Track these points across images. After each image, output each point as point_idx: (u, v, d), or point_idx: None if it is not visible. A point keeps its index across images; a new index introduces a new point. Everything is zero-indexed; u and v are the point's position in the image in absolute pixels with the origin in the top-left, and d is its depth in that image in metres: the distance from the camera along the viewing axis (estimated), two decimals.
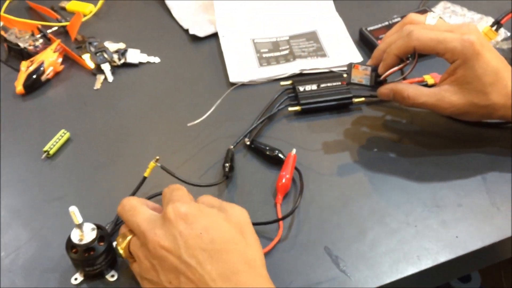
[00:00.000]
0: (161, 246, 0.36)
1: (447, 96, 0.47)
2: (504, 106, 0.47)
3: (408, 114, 0.56)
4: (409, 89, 0.49)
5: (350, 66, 0.51)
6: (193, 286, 0.35)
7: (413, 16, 0.50)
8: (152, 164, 0.46)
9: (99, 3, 0.76)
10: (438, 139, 0.53)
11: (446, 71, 0.48)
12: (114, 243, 0.43)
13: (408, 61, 0.49)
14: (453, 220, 0.46)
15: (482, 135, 0.53)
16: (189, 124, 0.54)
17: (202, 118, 0.54)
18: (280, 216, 0.46)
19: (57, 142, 0.55)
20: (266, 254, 0.43)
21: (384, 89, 0.50)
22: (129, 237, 0.40)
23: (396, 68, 0.49)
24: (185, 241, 0.36)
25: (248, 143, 0.53)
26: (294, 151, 0.50)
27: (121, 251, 0.41)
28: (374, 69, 0.50)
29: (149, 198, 0.48)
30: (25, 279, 0.44)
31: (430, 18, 0.49)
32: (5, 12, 0.74)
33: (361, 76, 0.50)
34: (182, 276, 0.35)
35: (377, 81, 0.50)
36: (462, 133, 0.53)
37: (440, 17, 0.49)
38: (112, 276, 0.43)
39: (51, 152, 0.54)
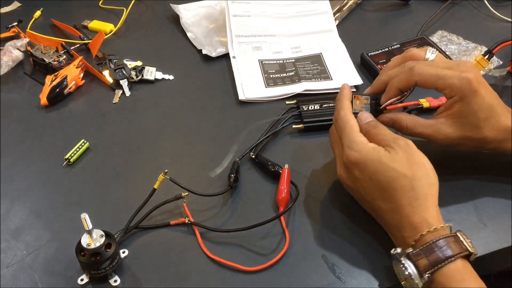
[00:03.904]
0: (345, 183, 0.49)
1: (443, 128, 0.50)
2: (495, 140, 0.50)
3: (405, 137, 0.59)
4: (408, 119, 0.52)
5: (352, 96, 0.54)
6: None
7: (413, 51, 0.53)
8: (161, 176, 0.50)
9: (119, 23, 0.81)
10: (432, 161, 0.56)
11: (443, 104, 0.51)
12: None
13: (407, 93, 0.52)
14: None
15: (473, 159, 0.56)
16: (212, 175, 0.55)
17: (221, 170, 0.55)
18: (285, 228, 0.50)
19: (77, 151, 0.59)
20: (271, 265, 0.47)
21: (384, 118, 0.53)
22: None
23: (395, 99, 0.52)
24: (361, 183, 0.46)
25: (253, 156, 0.57)
26: (286, 166, 0.54)
27: None
28: (374, 98, 0.53)
29: (156, 208, 0.51)
30: (43, 276, 0.47)
31: (430, 53, 0.52)
32: (31, 29, 0.79)
33: (362, 105, 0.53)
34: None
35: (377, 109, 0.53)
36: (455, 157, 0.56)
37: (439, 51, 0.50)
38: (115, 281, 0.46)
39: (72, 160, 0.58)
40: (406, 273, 0.41)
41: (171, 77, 0.71)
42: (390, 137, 0.47)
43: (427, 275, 0.40)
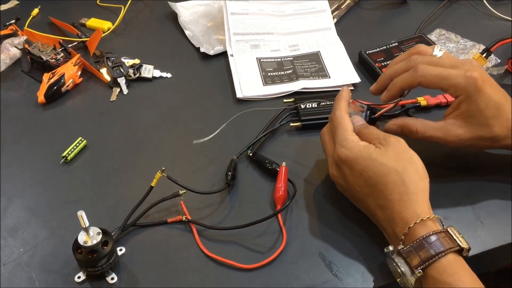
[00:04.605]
0: (337, 182, 0.50)
1: (453, 129, 0.50)
2: (506, 137, 0.49)
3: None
4: (417, 123, 0.51)
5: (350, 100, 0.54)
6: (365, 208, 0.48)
7: (421, 47, 0.52)
8: (158, 174, 0.50)
9: (117, 21, 0.81)
10: (429, 158, 0.56)
11: (450, 105, 0.51)
12: None
13: (403, 96, 0.53)
14: None
15: (471, 158, 0.56)
16: (194, 142, 0.55)
17: (208, 138, 0.55)
18: (282, 225, 0.50)
19: (74, 149, 0.59)
20: (268, 263, 0.47)
21: (391, 125, 0.53)
22: None
23: (390, 106, 0.52)
24: (352, 181, 0.47)
25: (250, 154, 0.57)
26: (284, 163, 0.54)
27: None
28: (369, 108, 0.54)
29: (153, 205, 0.51)
30: (41, 274, 0.47)
31: (437, 50, 0.51)
32: (28, 26, 0.79)
33: (356, 111, 0.54)
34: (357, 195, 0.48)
35: (371, 118, 0.54)
36: (452, 155, 0.56)
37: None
38: (112, 278, 0.46)
39: (69, 158, 0.58)
40: (399, 270, 0.41)
41: (169, 75, 0.71)
42: (381, 135, 0.47)
43: (418, 271, 0.40)
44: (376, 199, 0.45)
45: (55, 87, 0.66)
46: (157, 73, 0.71)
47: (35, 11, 0.84)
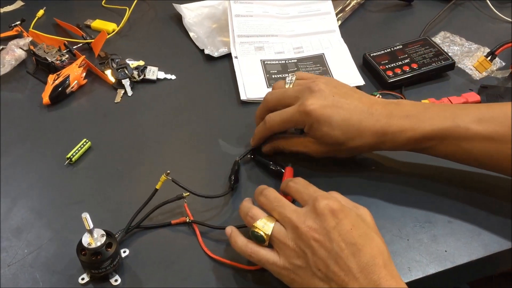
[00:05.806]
0: (314, 239, 0.40)
1: (311, 145, 0.53)
2: (375, 142, 0.50)
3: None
4: (282, 141, 0.55)
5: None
6: (341, 274, 0.39)
7: (274, 84, 0.56)
8: (163, 177, 0.50)
9: (122, 23, 0.81)
10: (430, 160, 0.56)
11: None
12: (227, 230, 0.46)
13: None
14: (443, 235, 0.49)
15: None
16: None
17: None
18: None
19: (79, 150, 0.59)
20: None
21: (266, 149, 0.57)
22: (273, 224, 0.43)
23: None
24: (337, 236, 0.40)
25: (251, 157, 0.57)
26: (290, 165, 0.55)
27: (265, 236, 0.43)
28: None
29: (157, 208, 0.51)
30: (45, 275, 0.47)
31: (288, 80, 0.54)
32: (34, 28, 0.80)
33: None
34: (331, 265, 0.40)
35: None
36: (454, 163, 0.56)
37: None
38: (116, 280, 0.46)
39: (74, 159, 0.58)
40: None
41: (173, 77, 0.71)
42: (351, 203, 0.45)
43: None
44: (359, 257, 0.39)
45: (60, 89, 0.67)
46: (162, 74, 0.71)
47: (40, 12, 0.84)
